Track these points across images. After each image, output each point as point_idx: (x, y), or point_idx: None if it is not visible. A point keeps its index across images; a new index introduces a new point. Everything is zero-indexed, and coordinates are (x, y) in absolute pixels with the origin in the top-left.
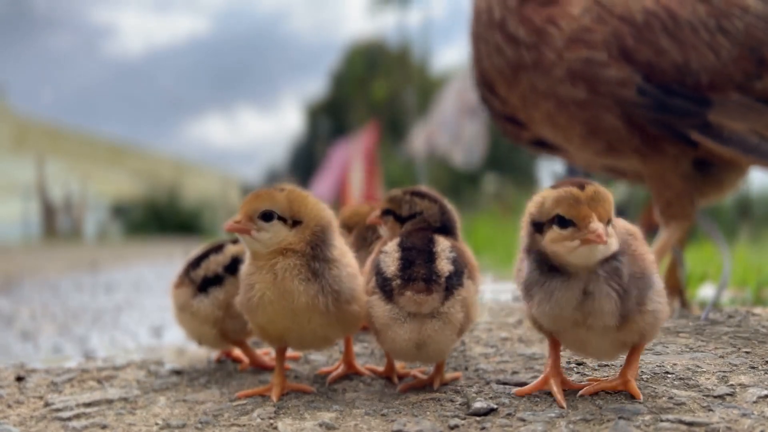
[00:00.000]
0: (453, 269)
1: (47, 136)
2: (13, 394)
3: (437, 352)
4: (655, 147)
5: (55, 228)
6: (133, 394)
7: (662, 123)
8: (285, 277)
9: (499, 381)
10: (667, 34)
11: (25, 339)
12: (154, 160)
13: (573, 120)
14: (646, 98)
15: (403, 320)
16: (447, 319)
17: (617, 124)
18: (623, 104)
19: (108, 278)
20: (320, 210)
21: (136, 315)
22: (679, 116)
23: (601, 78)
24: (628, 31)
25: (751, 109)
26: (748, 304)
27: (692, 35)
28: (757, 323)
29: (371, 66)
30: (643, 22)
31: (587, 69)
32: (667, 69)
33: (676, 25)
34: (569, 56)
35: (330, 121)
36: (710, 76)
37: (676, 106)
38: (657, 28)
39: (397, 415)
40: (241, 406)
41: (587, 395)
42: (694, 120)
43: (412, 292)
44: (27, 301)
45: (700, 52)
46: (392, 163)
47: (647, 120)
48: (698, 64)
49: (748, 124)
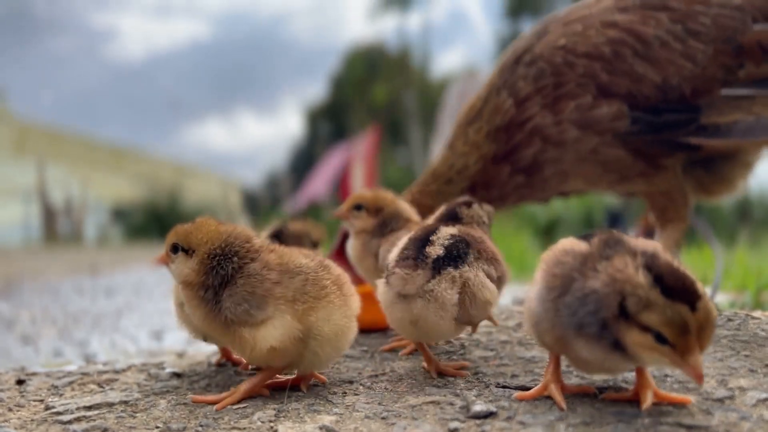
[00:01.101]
0: (443, 253)
1: (48, 140)
2: (14, 398)
3: (432, 330)
4: (656, 165)
5: (55, 231)
6: (133, 398)
7: (661, 141)
8: (188, 306)
9: (499, 384)
10: (639, 58)
11: (26, 343)
12: (155, 163)
13: (592, 165)
14: (639, 125)
15: (395, 300)
16: (433, 298)
17: (621, 155)
18: (622, 136)
19: (108, 282)
20: (214, 235)
21: (137, 318)
22: (673, 130)
23: (596, 118)
24: (600, 66)
25: (740, 98)
26: (748, 307)
27: (664, 50)
28: (757, 327)
29: (371, 70)
30: (612, 54)
31: (582, 116)
32: (648, 93)
33: (645, 46)
34: (562, 116)
35: (330, 124)
36: (692, 84)
37: (668, 121)
38: (628, 55)
39: (397, 418)
40: (242, 409)
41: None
42: (689, 127)
43: (399, 270)
44: (27, 305)
45: (676, 65)
46: (392, 166)
47: (647, 143)
48: (678, 77)
49: (742, 112)
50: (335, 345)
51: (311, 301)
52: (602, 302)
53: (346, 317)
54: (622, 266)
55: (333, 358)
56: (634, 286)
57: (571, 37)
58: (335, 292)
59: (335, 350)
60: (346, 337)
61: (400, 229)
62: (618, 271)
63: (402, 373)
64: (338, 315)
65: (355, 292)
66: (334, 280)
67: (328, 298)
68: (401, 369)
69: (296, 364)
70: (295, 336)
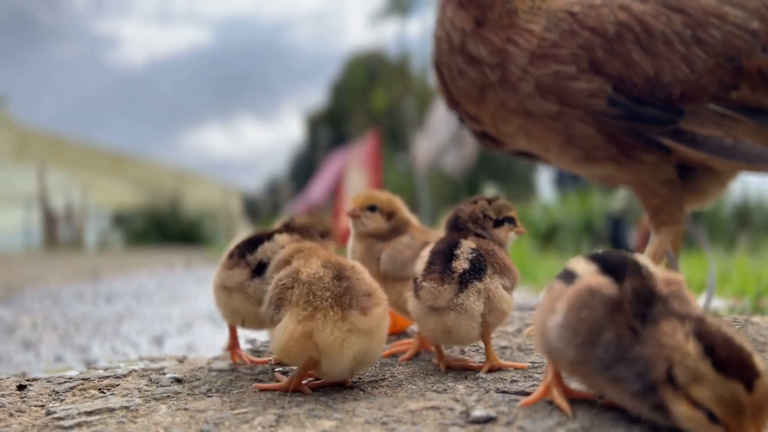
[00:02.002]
0: (468, 267)
1: (49, 146)
2: (15, 403)
3: (464, 338)
4: (630, 155)
5: (56, 237)
6: (134, 403)
7: (634, 131)
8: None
9: (499, 390)
10: (639, 47)
11: (27, 348)
12: (156, 169)
13: (547, 131)
14: (617, 108)
15: (427, 313)
16: (464, 309)
17: (591, 133)
18: (595, 114)
19: (109, 287)
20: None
21: (137, 324)
22: (650, 124)
23: (571, 90)
24: (599, 43)
25: (725, 117)
26: (747, 312)
27: (665, 48)
28: (756, 332)
29: (371, 76)
30: (614, 35)
31: (556, 82)
32: (637, 82)
33: (649, 38)
34: (536, 72)
35: (330, 131)
36: (682, 87)
37: (647, 114)
38: (629, 40)
39: (397, 423)
40: (242, 414)
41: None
42: (666, 127)
43: (428, 284)
44: (28, 311)
45: (672, 65)
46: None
47: (619, 129)
48: (670, 77)
49: (722, 131)
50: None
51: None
52: (647, 366)
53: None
54: (670, 331)
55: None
56: (683, 356)
57: (585, 8)
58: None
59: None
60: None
61: (402, 235)
62: (667, 336)
63: (402, 378)
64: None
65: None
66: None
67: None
68: (401, 374)
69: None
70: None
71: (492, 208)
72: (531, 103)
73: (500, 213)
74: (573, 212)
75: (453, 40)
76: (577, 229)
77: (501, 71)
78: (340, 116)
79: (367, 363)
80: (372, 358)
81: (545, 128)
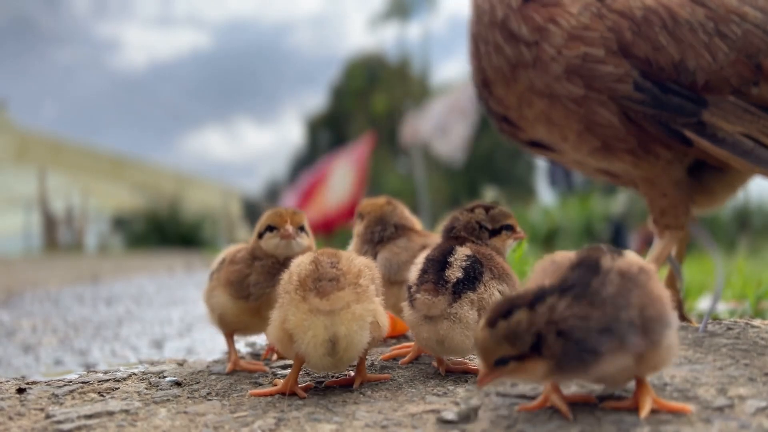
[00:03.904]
0: (462, 276)
1: (49, 149)
2: (15, 407)
3: (457, 348)
4: (648, 149)
5: (56, 240)
6: (134, 406)
7: (657, 119)
8: None
9: (499, 393)
10: (665, 31)
11: (26, 351)
12: (156, 172)
13: (569, 117)
14: (642, 94)
15: (421, 322)
16: (457, 319)
17: (613, 120)
18: (619, 100)
19: (109, 290)
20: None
21: (137, 327)
22: (674, 113)
23: (597, 74)
24: (627, 25)
25: (747, 112)
26: (747, 316)
27: (690, 35)
28: (756, 335)
29: (371, 79)
30: (642, 18)
31: (584, 65)
32: (664, 66)
33: (675, 24)
34: (567, 53)
35: (330, 134)
36: (706, 76)
37: (672, 103)
38: (656, 24)
39: (396, 426)
40: (242, 417)
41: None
42: (689, 118)
43: (421, 295)
44: (28, 314)
45: (697, 52)
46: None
47: (643, 116)
48: (695, 64)
49: (742, 127)
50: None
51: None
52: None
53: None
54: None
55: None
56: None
57: None
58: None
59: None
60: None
61: (399, 238)
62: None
63: (402, 381)
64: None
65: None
66: None
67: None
68: (401, 377)
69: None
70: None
71: (488, 217)
72: (557, 86)
73: (497, 222)
74: (573, 215)
75: (496, 13)
76: (578, 232)
77: (536, 50)
78: (340, 119)
79: (349, 349)
80: (348, 341)
81: (568, 113)
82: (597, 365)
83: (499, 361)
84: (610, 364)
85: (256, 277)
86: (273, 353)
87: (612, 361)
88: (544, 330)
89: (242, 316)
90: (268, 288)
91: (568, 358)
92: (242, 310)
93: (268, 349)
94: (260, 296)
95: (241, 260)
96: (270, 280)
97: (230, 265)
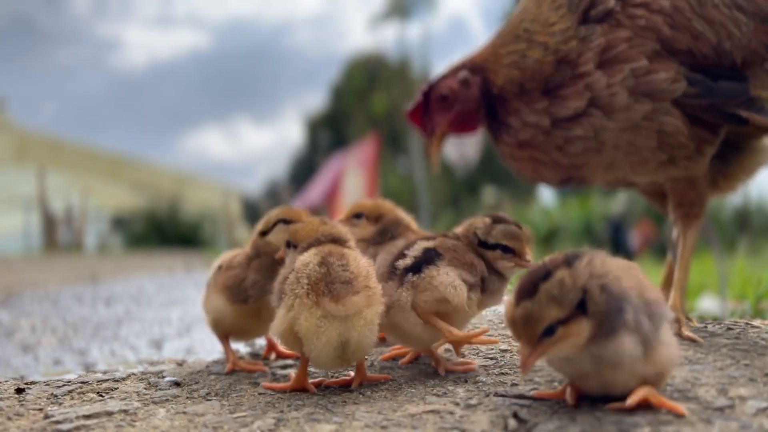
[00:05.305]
0: (411, 263)
1: (48, 149)
2: (13, 407)
3: (405, 333)
4: (701, 151)
5: (55, 240)
6: (133, 407)
7: (715, 108)
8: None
9: (498, 393)
10: (696, 15)
11: (25, 351)
12: (155, 172)
13: (648, 136)
14: (696, 87)
15: (383, 312)
16: (399, 305)
17: (679, 125)
18: (680, 100)
19: (108, 290)
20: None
21: (137, 327)
22: (727, 98)
23: (653, 83)
24: (662, 20)
25: None
26: (747, 316)
27: (716, 12)
28: (756, 335)
29: (371, 79)
30: (671, 8)
31: (638, 81)
32: (706, 52)
33: (700, 5)
34: (615, 80)
35: (330, 133)
36: (741, 52)
37: (723, 88)
38: (686, 9)
39: (396, 427)
40: (241, 418)
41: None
42: (740, 98)
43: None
44: (27, 314)
45: (727, 29)
46: (392, 175)
47: (701, 109)
48: (729, 42)
49: None
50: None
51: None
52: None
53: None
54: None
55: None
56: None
57: None
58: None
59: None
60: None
61: (399, 237)
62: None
63: (402, 381)
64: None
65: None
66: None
67: None
68: (401, 378)
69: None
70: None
71: (488, 229)
72: (631, 114)
73: (493, 238)
74: (573, 215)
75: (538, 133)
76: (577, 232)
77: (596, 103)
78: (340, 119)
79: (357, 352)
80: (358, 346)
81: (649, 135)
82: (623, 334)
83: (547, 331)
84: (628, 344)
85: (254, 277)
86: (272, 353)
87: (630, 342)
88: (589, 284)
89: (241, 319)
90: (267, 287)
91: (609, 318)
92: (241, 314)
93: (267, 348)
94: (259, 298)
95: (238, 264)
96: (269, 279)
97: (227, 270)
